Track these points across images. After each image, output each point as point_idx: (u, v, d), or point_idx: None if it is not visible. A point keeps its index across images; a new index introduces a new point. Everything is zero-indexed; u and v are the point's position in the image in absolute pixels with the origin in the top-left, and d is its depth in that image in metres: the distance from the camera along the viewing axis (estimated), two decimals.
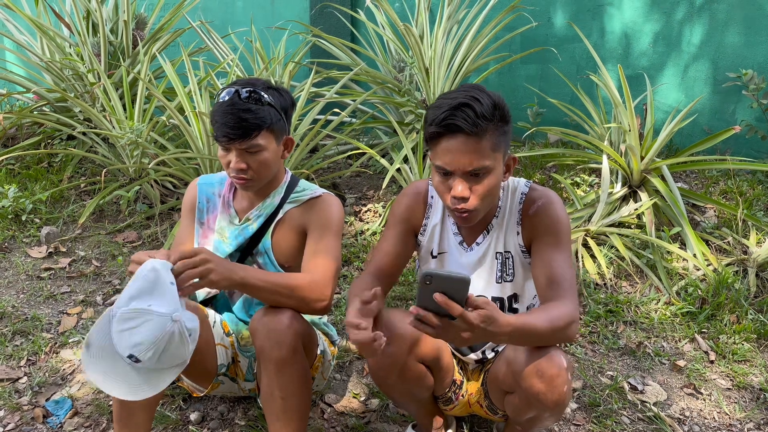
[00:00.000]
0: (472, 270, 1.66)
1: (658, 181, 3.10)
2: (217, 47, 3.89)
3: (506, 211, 1.62)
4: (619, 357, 2.36)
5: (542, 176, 3.63)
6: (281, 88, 1.76)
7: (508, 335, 1.27)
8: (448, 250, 1.69)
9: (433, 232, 1.70)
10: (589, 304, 2.62)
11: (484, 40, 3.72)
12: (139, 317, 1.39)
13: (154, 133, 3.35)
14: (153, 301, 1.39)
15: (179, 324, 1.42)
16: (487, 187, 1.45)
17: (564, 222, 1.55)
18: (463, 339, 1.23)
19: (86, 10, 3.95)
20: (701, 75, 4.02)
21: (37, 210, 3.24)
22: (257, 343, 1.64)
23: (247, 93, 1.66)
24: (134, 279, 1.41)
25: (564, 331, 1.37)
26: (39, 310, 2.56)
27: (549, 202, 1.57)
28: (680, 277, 2.78)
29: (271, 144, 1.70)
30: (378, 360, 1.59)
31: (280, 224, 1.81)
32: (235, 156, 1.68)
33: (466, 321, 1.20)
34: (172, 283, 1.42)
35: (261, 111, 1.66)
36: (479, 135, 1.39)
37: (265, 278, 1.60)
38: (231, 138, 1.64)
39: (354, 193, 3.54)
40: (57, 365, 2.26)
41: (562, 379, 1.41)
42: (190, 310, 1.54)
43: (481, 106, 1.39)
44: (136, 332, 1.39)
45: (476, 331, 1.22)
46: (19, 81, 3.97)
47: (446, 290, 1.19)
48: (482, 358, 1.77)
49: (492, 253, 1.64)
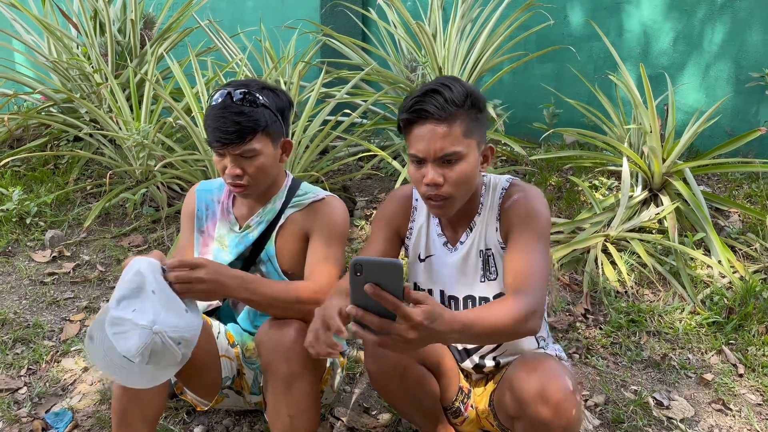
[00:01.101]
0: (458, 271, 1.60)
1: (681, 185, 2.99)
2: (225, 47, 3.82)
3: (487, 208, 1.57)
4: (643, 370, 2.25)
5: (559, 179, 3.53)
6: (277, 89, 1.67)
7: (459, 333, 1.16)
8: (434, 253, 1.64)
9: (419, 235, 1.65)
10: (611, 314, 2.51)
11: (499, 38, 3.62)
12: (123, 324, 1.35)
13: (161, 135, 3.28)
14: (137, 306, 1.35)
15: (160, 335, 1.35)
16: (460, 174, 1.42)
17: (539, 213, 1.48)
18: (408, 341, 1.08)
19: (93, 10, 3.89)
20: (723, 75, 3.89)
21: (41, 213, 3.17)
22: (263, 358, 1.56)
23: (241, 95, 1.57)
24: (121, 280, 1.37)
25: (524, 324, 1.28)
26: (41, 317, 2.49)
27: (525, 196, 1.52)
28: (705, 284, 2.67)
29: (267, 148, 1.61)
30: (378, 366, 1.54)
31: (283, 230, 1.72)
32: (230, 161, 1.59)
33: (407, 317, 1.06)
34: (154, 292, 1.34)
35: (255, 113, 1.57)
36: (449, 120, 1.39)
37: (267, 292, 1.52)
38: (224, 143, 1.56)
39: (365, 195, 3.45)
40: (58, 375, 2.18)
41: (569, 404, 1.32)
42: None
43: (451, 92, 1.40)
44: (124, 338, 1.35)
45: (421, 330, 1.08)
46: (27, 82, 3.92)
47: (379, 280, 1.05)
48: (479, 364, 1.68)
49: (475, 251, 1.58)
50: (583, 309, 2.54)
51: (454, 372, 1.68)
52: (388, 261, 1.05)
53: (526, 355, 1.56)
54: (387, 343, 1.09)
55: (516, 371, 1.42)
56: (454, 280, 1.62)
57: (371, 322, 1.08)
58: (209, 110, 1.59)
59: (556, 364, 1.39)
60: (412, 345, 1.10)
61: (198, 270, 1.43)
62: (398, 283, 1.05)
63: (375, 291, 1.04)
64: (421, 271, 1.67)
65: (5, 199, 3.15)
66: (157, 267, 1.38)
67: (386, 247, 1.65)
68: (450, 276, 1.62)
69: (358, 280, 1.06)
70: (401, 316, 1.07)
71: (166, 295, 1.38)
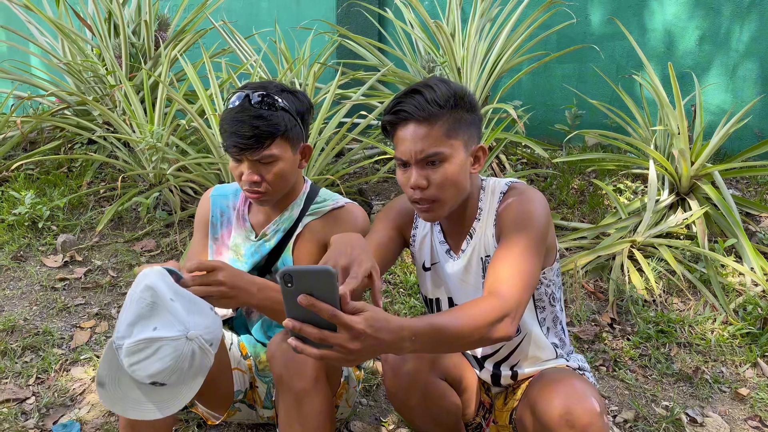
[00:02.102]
0: (460, 280, 1.52)
1: (710, 188, 2.87)
2: (240, 48, 3.76)
3: (486, 213, 1.49)
4: (674, 384, 2.14)
5: (582, 182, 3.42)
6: (297, 91, 1.59)
7: (411, 341, 1.05)
8: (439, 260, 1.56)
9: (423, 243, 1.59)
10: (638, 324, 2.40)
11: (519, 38, 3.53)
12: (149, 347, 1.24)
13: (174, 138, 3.23)
14: (157, 323, 1.25)
15: (197, 340, 1.28)
16: (444, 176, 1.36)
17: (532, 216, 1.38)
18: (351, 351, 0.99)
19: (108, 12, 3.85)
20: (751, 75, 3.76)
21: (54, 217, 3.13)
22: (275, 372, 1.48)
23: (259, 97, 1.49)
24: (128, 302, 1.27)
25: (490, 329, 1.16)
26: (51, 324, 2.44)
27: (521, 198, 1.43)
28: (737, 293, 2.55)
29: (286, 153, 1.54)
30: (397, 381, 1.45)
31: (301, 239, 1.65)
32: (247, 168, 1.52)
33: (347, 326, 0.97)
34: (173, 300, 1.26)
35: (275, 117, 1.49)
36: (430, 121, 1.35)
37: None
38: (242, 148, 1.48)
39: (381, 199, 3.37)
40: (66, 384, 2.12)
41: (596, 428, 1.23)
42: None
43: (434, 92, 1.35)
44: (151, 362, 1.25)
45: (364, 340, 0.99)
46: (41, 84, 3.89)
47: (312, 290, 0.96)
48: (495, 373, 1.59)
49: (476, 258, 1.49)
50: (609, 318, 2.44)
51: (476, 386, 1.60)
52: (319, 268, 0.97)
53: (547, 372, 1.47)
54: (330, 356, 1.00)
55: (538, 391, 1.33)
56: (458, 289, 1.54)
57: (310, 334, 0.99)
58: (226, 114, 1.52)
59: (581, 384, 1.30)
60: (357, 356, 1.01)
61: (216, 272, 1.34)
62: (332, 291, 0.97)
63: (309, 301, 0.96)
64: (428, 280, 1.61)
65: (18, 202, 3.11)
66: (164, 273, 1.30)
67: (387, 241, 1.56)
68: (454, 285, 1.55)
69: (290, 291, 0.97)
70: (341, 326, 0.98)
71: (187, 298, 1.30)
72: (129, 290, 1.29)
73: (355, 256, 1.19)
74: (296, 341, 1.01)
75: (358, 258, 1.19)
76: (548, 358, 1.57)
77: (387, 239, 1.57)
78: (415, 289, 2.60)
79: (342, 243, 1.26)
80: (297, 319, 0.99)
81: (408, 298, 2.56)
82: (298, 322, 0.99)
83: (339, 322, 0.97)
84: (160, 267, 1.31)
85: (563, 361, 1.58)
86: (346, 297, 1.00)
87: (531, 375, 1.57)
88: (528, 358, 1.56)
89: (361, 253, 1.21)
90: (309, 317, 0.99)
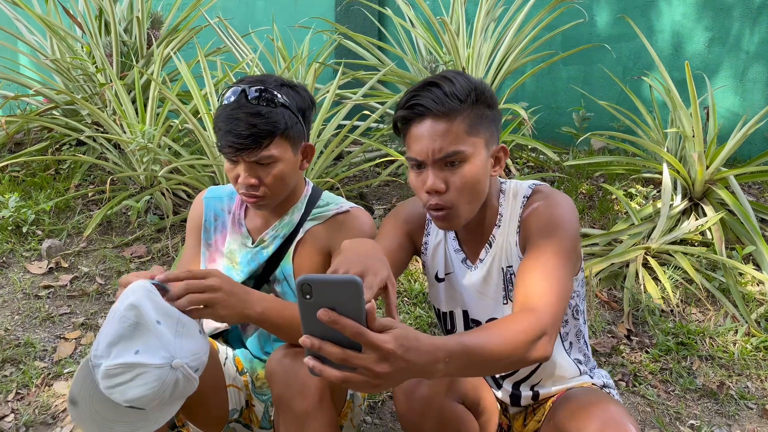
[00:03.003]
0: (478, 292, 1.39)
1: (726, 193, 2.76)
2: (236, 47, 3.63)
3: (507, 219, 1.35)
4: (698, 400, 2.02)
5: (590, 186, 3.30)
6: (298, 85, 1.45)
7: (444, 363, 0.92)
8: (453, 270, 1.43)
9: (436, 252, 1.46)
10: (657, 335, 2.27)
11: (526, 38, 3.41)
12: (129, 371, 1.10)
13: (167, 139, 3.09)
14: (139, 346, 1.11)
15: (182, 369, 1.13)
16: (466, 178, 1.23)
17: (562, 223, 1.25)
18: (379, 375, 0.86)
19: (99, 9, 3.72)
20: (761, 78, 3.67)
21: (39, 221, 2.98)
22: (275, 391, 1.35)
23: (257, 92, 1.35)
24: (111, 318, 1.13)
25: (528, 350, 1.03)
26: (34, 334, 2.29)
27: (548, 203, 1.29)
28: (758, 302, 2.43)
29: (286, 153, 1.40)
30: (409, 405, 1.31)
31: (302, 245, 1.51)
32: (244, 170, 1.38)
33: (374, 346, 0.84)
34: (159, 322, 1.12)
35: (273, 114, 1.35)
36: (450, 116, 1.22)
37: (289, 313, 1.30)
38: (238, 148, 1.34)
39: (383, 204, 3.24)
40: (48, 400, 1.98)
41: None
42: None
43: (453, 85, 1.23)
44: (130, 387, 1.11)
45: (394, 362, 0.86)
46: (29, 84, 3.74)
47: (334, 303, 0.84)
48: (514, 394, 1.46)
49: (497, 268, 1.36)
50: (625, 330, 2.31)
51: (494, 408, 1.47)
52: (344, 278, 0.83)
53: (576, 394, 1.34)
54: (353, 379, 0.86)
55: (570, 416, 1.20)
56: (475, 302, 1.41)
57: (331, 354, 0.85)
58: (220, 110, 1.38)
59: (617, 409, 1.17)
60: (385, 380, 0.87)
61: (211, 279, 1.20)
62: (358, 305, 0.84)
63: (331, 317, 0.83)
64: (441, 292, 1.47)
65: (1, 206, 2.96)
66: (152, 290, 1.16)
67: (396, 248, 1.43)
68: (471, 297, 1.42)
69: (309, 304, 0.84)
70: (367, 346, 0.85)
71: (174, 319, 1.16)
72: (113, 305, 1.16)
73: (369, 265, 1.05)
74: (314, 361, 0.86)
75: (372, 267, 1.05)
76: (572, 376, 1.44)
77: (396, 246, 1.44)
78: (421, 298, 2.47)
79: (354, 249, 1.12)
80: (315, 335, 0.85)
81: (413, 308, 2.43)
82: (317, 339, 0.85)
83: (365, 341, 0.84)
84: (148, 282, 1.16)
85: (587, 378, 1.46)
86: (372, 312, 0.86)
87: (553, 394, 1.44)
88: (550, 377, 1.43)
89: (376, 262, 1.07)
90: (329, 334, 0.85)
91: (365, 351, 0.85)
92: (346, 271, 1.05)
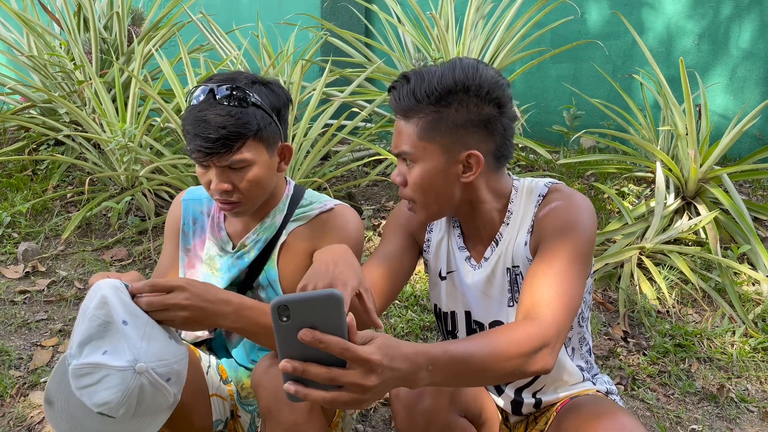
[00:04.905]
0: (482, 293, 1.33)
1: (720, 192, 2.72)
2: (220, 44, 3.53)
3: (518, 218, 1.28)
4: (698, 403, 1.97)
5: (582, 185, 3.25)
6: (272, 82, 1.36)
7: (427, 370, 0.87)
8: (456, 268, 1.38)
9: (439, 248, 1.40)
10: (654, 337, 2.22)
11: (516, 35, 3.36)
12: (95, 372, 1.05)
13: (148, 138, 2.99)
14: (108, 347, 1.05)
15: (147, 374, 1.06)
16: (416, 178, 1.22)
17: (579, 226, 1.17)
18: (367, 389, 0.81)
19: (77, 5, 3.61)
20: (752, 75, 3.65)
21: (15, 223, 2.87)
22: (263, 403, 1.27)
23: (227, 91, 1.26)
24: (81, 316, 1.07)
25: (525, 362, 0.97)
26: (9, 342, 2.19)
27: (567, 204, 1.21)
28: (754, 303, 2.39)
29: (261, 156, 1.31)
30: (410, 420, 1.23)
31: (286, 248, 1.43)
32: (216, 175, 1.29)
33: (361, 360, 0.80)
34: (126, 322, 1.05)
35: (245, 115, 1.26)
36: (406, 116, 1.21)
37: (268, 322, 1.22)
38: (207, 153, 1.26)
39: (371, 204, 3.17)
40: (24, 411, 1.88)
41: None
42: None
43: (422, 82, 1.18)
44: (97, 390, 1.05)
45: (382, 373, 0.82)
46: (5, 82, 3.62)
47: (314, 321, 0.78)
48: (516, 400, 1.39)
49: (502, 268, 1.30)
50: (621, 331, 2.26)
51: (495, 418, 1.40)
52: (322, 294, 0.78)
53: (583, 403, 1.28)
54: (342, 398, 0.81)
55: (579, 426, 1.15)
56: (478, 302, 1.35)
57: (318, 376, 0.79)
58: (188, 112, 1.29)
59: (629, 420, 1.11)
60: (373, 394, 0.83)
61: (176, 294, 1.12)
62: (339, 320, 0.79)
63: (315, 337, 0.77)
64: (443, 291, 1.41)
65: None
66: (121, 288, 1.09)
67: (399, 253, 1.37)
68: (474, 297, 1.35)
69: (286, 326, 0.78)
70: (354, 361, 0.80)
71: (142, 322, 1.09)
72: (83, 303, 1.09)
73: (336, 275, 1.00)
74: (295, 386, 0.80)
75: (341, 276, 0.99)
76: (574, 382, 1.38)
77: (399, 251, 1.37)
78: (412, 301, 2.40)
79: (321, 260, 1.08)
80: (295, 358, 0.79)
81: (405, 311, 2.36)
82: (299, 362, 0.78)
83: (352, 356, 0.78)
84: (118, 281, 1.09)
85: (590, 384, 1.40)
86: (353, 326, 0.80)
87: (555, 402, 1.38)
88: (553, 383, 1.37)
89: (344, 270, 1.01)
90: (309, 354, 0.78)
91: (350, 366, 0.80)
92: (315, 286, 1.00)
